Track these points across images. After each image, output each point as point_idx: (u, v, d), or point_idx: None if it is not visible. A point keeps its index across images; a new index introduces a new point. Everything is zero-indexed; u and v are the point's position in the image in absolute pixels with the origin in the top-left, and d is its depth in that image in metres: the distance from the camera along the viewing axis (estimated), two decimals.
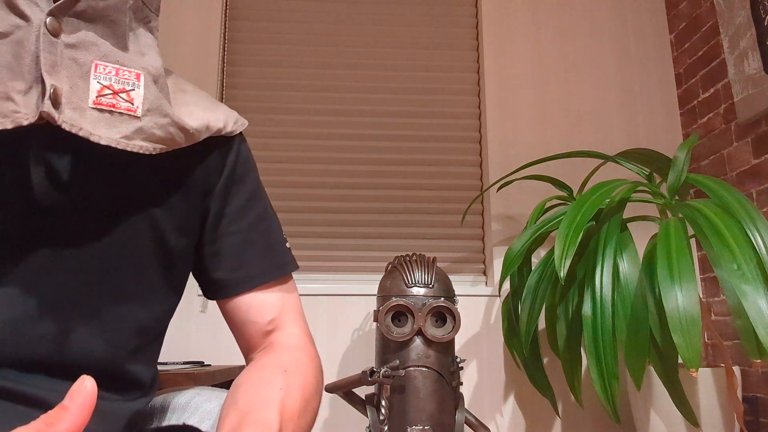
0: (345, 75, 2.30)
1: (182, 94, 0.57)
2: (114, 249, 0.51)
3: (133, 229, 0.52)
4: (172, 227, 0.56)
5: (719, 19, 2.01)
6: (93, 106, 0.45)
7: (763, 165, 1.82)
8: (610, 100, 2.28)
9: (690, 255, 1.30)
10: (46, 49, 0.44)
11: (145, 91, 0.48)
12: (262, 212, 0.64)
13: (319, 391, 0.58)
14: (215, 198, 0.60)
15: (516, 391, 1.99)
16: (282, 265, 0.65)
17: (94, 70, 0.46)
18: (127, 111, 0.47)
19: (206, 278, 0.62)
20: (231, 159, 0.61)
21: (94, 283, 0.50)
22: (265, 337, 0.63)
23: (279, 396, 0.49)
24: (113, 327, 0.52)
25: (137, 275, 0.53)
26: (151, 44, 0.52)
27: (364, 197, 2.20)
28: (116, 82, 0.47)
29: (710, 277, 2.05)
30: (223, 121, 0.59)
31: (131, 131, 0.47)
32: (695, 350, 1.17)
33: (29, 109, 0.43)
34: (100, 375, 0.49)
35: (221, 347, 1.93)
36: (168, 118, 0.50)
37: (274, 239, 0.65)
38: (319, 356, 0.63)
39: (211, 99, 0.62)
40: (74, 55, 0.45)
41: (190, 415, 0.56)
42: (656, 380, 1.49)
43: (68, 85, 0.45)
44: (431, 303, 1.45)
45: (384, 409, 1.40)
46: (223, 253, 0.61)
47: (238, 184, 0.62)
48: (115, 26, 0.49)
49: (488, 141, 2.20)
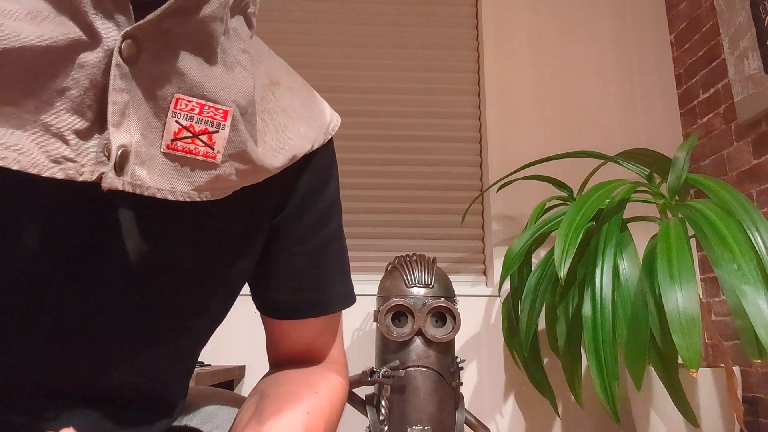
0: (345, 75, 2.30)
1: (274, 92, 0.49)
2: (176, 289, 0.45)
3: (198, 270, 0.46)
4: (239, 254, 0.49)
5: (719, 19, 2.01)
6: (166, 151, 0.38)
7: (763, 165, 1.82)
8: (610, 100, 2.28)
9: (690, 255, 1.30)
10: (118, 87, 0.35)
11: (231, 133, 0.40)
12: (335, 230, 0.57)
13: (340, 417, 0.55)
14: (287, 214, 0.52)
15: (516, 391, 1.99)
16: (345, 296, 0.58)
17: (174, 106, 0.38)
18: (205, 157, 0.39)
19: (264, 296, 0.56)
20: (311, 171, 0.53)
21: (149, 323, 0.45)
22: (302, 351, 0.58)
23: (304, 420, 0.47)
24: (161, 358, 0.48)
25: (195, 309, 0.48)
26: (244, 47, 0.43)
27: (364, 197, 2.20)
28: (198, 121, 0.39)
29: (710, 277, 2.05)
30: (313, 140, 0.51)
31: (205, 181, 0.40)
32: (695, 350, 1.17)
33: (86, 161, 0.35)
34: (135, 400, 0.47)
35: (221, 347, 1.93)
36: (250, 164, 0.42)
37: (343, 263, 0.58)
38: (348, 380, 0.59)
39: (307, 94, 0.53)
40: (152, 89, 0.37)
41: (192, 417, 0.55)
42: (656, 380, 1.49)
43: (139, 132, 0.37)
44: (431, 303, 1.45)
45: (384, 409, 1.40)
46: (289, 274, 0.54)
47: (315, 197, 0.54)
48: (209, 40, 0.39)
49: (488, 141, 2.20)
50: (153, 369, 0.47)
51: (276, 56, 0.53)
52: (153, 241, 0.42)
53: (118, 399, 0.46)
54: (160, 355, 0.47)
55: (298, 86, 0.53)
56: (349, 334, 2.01)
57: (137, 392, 0.47)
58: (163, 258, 0.43)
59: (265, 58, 0.50)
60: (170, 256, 0.44)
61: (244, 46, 0.43)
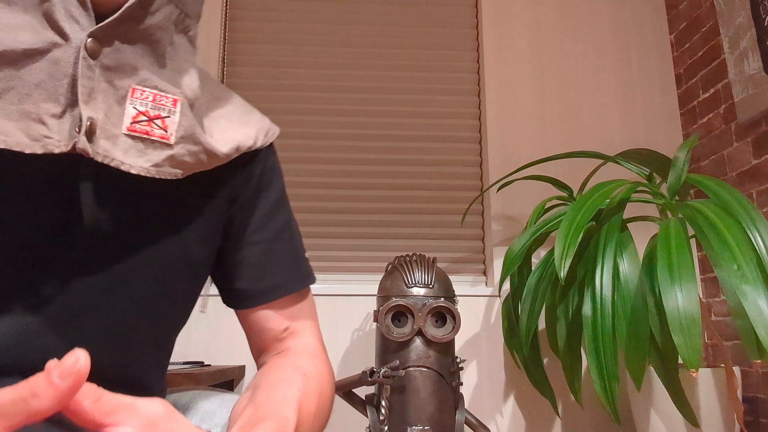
0: (345, 75, 2.30)
1: (216, 103, 0.57)
2: (139, 267, 0.50)
3: (161, 247, 0.51)
4: (197, 239, 0.55)
5: (719, 19, 2.01)
6: (126, 132, 0.45)
7: (763, 165, 1.82)
8: (610, 100, 2.28)
9: (690, 255, 1.30)
10: (85, 75, 0.43)
11: (180, 118, 0.48)
12: (285, 221, 0.63)
13: (332, 400, 0.57)
14: (240, 207, 0.59)
15: (516, 391, 1.99)
16: (304, 276, 0.64)
17: (131, 95, 0.45)
18: (160, 138, 0.46)
19: (228, 287, 0.61)
20: (258, 169, 0.60)
21: (117, 300, 0.49)
22: (280, 342, 0.62)
23: (297, 395, 0.48)
24: (132, 340, 0.51)
25: (161, 290, 0.53)
26: (189, 58, 0.52)
27: (364, 197, 2.20)
28: (152, 108, 0.46)
29: (710, 277, 2.05)
30: (254, 138, 0.58)
31: (162, 159, 0.47)
32: (695, 350, 1.17)
33: (62, 137, 0.42)
34: (112, 385, 0.49)
35: (221, 347, 1.93)
36: (200, 145, 0.49)
37: (296, 249, 0.64)
38: (330, 366, 0.62)
39: (245, 107, 0.61)
40: (112, 79, 0.45)
41: (191, 417, 0.55)
42: (656, 380, 1.49)
43: (103, 112, 0.44)
44: (431, 303, 1.45)
45: (384, 410, 1.40)
46: (247, 263, 0.60)
47: (264, 192, 0.61)
48: (156, 45, 0.48)
49: (488, 141, 2.20)
50: (125, 352, 0.51)
51: (218, 82, 0.63)
52: (116, 220, 0.48)
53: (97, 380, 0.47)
54: (132, 339, 0.51)
55: (239, 102, 0.61)
56: (349, 334, 2.01)
57: (111, 375, 0.49)
58: (125, 235, 0.49)
59: (207, 80, 0.59)
60: (132, 235, 0.49)
61: (189, 57, 0.52)
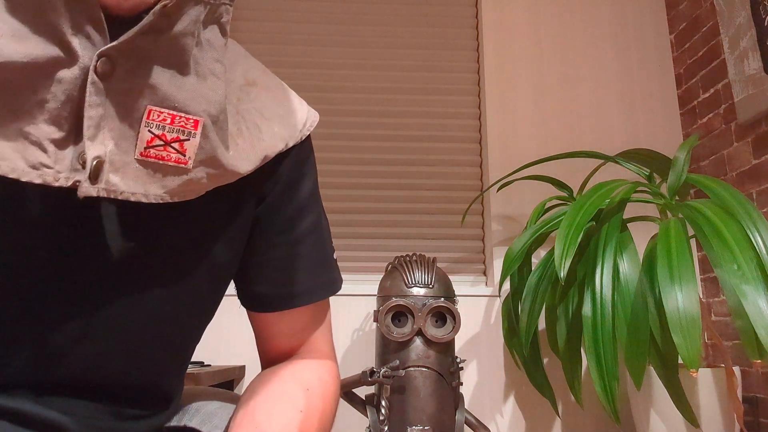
0: (345, 75, 2.30)
1: (250, 90, 0.51)
2: (158, 281, 0.47)
3: (178, 257, 0.48)
4: (221, 243, 0.50)
5: (719, 19, 2.01)
6: (139, 158, 0.40)
7: (763, 165, 1.82)
8: (610, 100, 2.27)
9: (690, 255, 1.30)
10: (93, 103, 0.38)
11: (201, 141, 0.42)
12: (314, 221, 0.58)
13: (334, 416, 0.55)
14: (266, 207, 0.54)
15: (516, 391, 1.99)
16: (328, 285, 0.59)
17: (147, 116, 0.40)
18: (176, 162, 0.41)
19: (247, 289, 0.57)
20: (287, 166, 0.54)
21: (136, 315, 0.46)
22: (291, 347, 0.59)
23: (298, 419, 0.47)
24: (152, 351, 0.49)
25: (181, 298, 0.49)
26: (217, 56, 0.45)
27: (364, 197, 2.20)
28: (170, 131, 0.41)
29: (710, 277, 2.05)
30: (285, 139, 0.53)
31: (177, 184, 0.42)
32: (695, 350, 1.17)
33: (61, 168, 0.38)
34: (133, 392, 0.48)
35: (221, 347, 1.93)
36: (221, 168, 0.45)
37: (323, 253, 0.59)
38: (339, 374, 0.60)
39: (281, 95, 0.55)
40: (126, 102, 0.39)
41: (191, 417, 0.55)
42: (656, 380, 1.49)
43: (113, 142, 0.39)
44: (431, 303, 1.45)
45: (384, 410, 1.40)
46: (269, 266, 0.55)
47: (292, 191, 0.55)
48: (180, 54, 0.41)
49: (488, 141, 2.20)
50: (147, 361, 0.49)
51: (252, 57, 0.55)
52: (132, 237, 0.44)
53: (113, 390, 0.47)
54: (154, 349, 0.49)
55: (274, 86, 0.55)
56: (349, 334, 2.01)
57: (132, 384, 0.48)
58: (143, 253, 0.45)
59: (241, 59, 0.53)
60: (151, 251, 0.45)
61: (217, 56, 0.45)
